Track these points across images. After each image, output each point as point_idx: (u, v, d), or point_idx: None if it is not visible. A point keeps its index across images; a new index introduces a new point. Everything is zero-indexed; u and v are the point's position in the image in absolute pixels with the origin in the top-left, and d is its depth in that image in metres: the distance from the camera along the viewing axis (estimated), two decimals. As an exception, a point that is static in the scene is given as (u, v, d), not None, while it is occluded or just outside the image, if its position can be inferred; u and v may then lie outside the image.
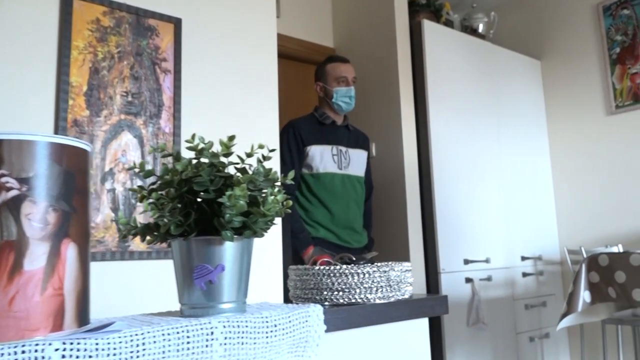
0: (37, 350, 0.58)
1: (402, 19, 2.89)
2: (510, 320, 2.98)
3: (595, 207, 3.26)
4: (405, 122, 2.79)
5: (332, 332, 0.90)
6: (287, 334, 0.80)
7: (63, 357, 0.59)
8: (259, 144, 0.86)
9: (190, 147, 0.80)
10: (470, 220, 2.89)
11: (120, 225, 0.79)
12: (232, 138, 0.81)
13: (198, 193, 0.80)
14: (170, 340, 0.68)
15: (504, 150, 3.20)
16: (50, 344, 0.59)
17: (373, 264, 1.00)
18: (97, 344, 0.62)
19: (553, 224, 3.45)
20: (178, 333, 0.69)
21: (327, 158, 2.31)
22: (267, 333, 0.77)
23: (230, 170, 0.83)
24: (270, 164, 1.85)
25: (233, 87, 1.91)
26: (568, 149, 3.44)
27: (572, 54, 3.44)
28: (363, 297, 0.97)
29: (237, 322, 0.74)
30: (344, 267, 0.97)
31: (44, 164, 0.64)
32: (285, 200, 0.84)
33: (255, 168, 0.82)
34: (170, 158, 0.82)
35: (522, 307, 3.07)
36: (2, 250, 0.61)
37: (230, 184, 0.79)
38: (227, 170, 0.81)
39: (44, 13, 1.55)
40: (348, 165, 2.37)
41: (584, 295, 2.07)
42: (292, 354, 0.83)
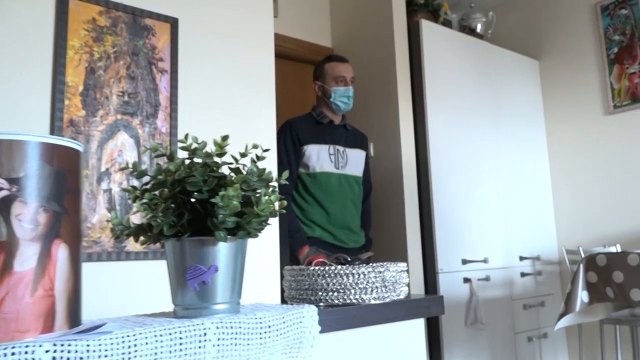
0: (27, 352, 0.57)
1: (400, 19, 2.89)
2: (509, 320, 2.97)
3: (594, 207, 3.26)
4: (403, 122, 2.79)
5: (326, 333, 0.90)
6: (281, 335, 0.80)
7: (54, 358, 0.58)
8: (253, 144, 0.85)
9: (184, 147, 0.80)
10: (469, 220, 2.89)
11: (113, 226, 0.78)
12: (225, 138, 0.81)
13: (191, 193, 0.79)
14: (163, 342, 0.67)
15: (502, 150, 3.20)
16: (41, 346, 0.58)
17: (368, 265, 0.99)
18: (88, 346, 0.61)
19: (551, 224, 3.45)
20: (170, 334, 0.68)
21: (323, 157, 2.30)
22: (260, 334, 0.77)
23: (225, 171, 0.82)
24: (267, 164, 1.84)
25: (230, 87, 1.90)
26: (566, 149, 3.43)
27: (570, 54, 3.44)
28: (358, 297, 0.96)
29: (230, 323, 0.74)
30: (339, 267, 0.97)
31: (35, 164, 0.64)
32: (280, 201, 0.83)
33: (249, 168, 0.81)
34: (165, 158, 0.81)
35: (520, 307, 3.07)
36: (-8, 251, 0.60)
37: (224, 184, 0.79)
38: (221, 171, 0.81)
39: (40, 13, 1.54)
40: (345, 165, 2.36)
41: (582, 295, 2.07)
42: (286, 355, 0.82)
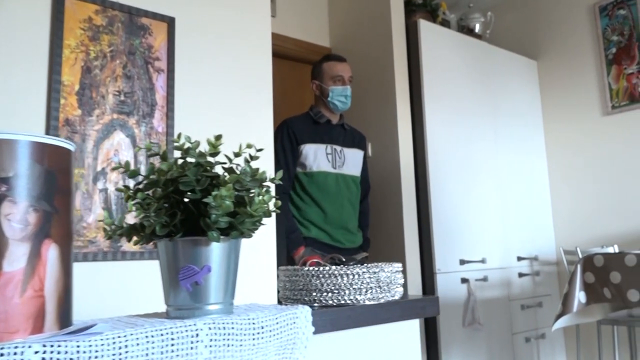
0: (16, 353, 0.57)
1: (398, 19, 2.88)
2: (506, 321, 2.97)
3: (592, 207, 3.26)
4: (401, 122, 2.78)
5: (320, 333, 0.89)
6: (274, 336, 0.79)
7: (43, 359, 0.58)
8: (247, 144, 0.85)
9: (177, 146, 0.79)
10: (466, 221, 2.88)
11: (105, 226, 0.78)
12: (219, 137, 0.80)
13: (184, 193, 0.79)
14: (154, 343, 0.67)
15: (500, 150, 3.19)
16: (30, 347, 0.58)
17: (363, 265, 0.99)
18: (78, 347, 0.61)
19: (549, 224, 3.45)
20: (162, 335, 0.68)
21: (321, 157, 2.30)
22: (253, 335, 0.77)
23: (218, 170, 0.82)
24: (264, 164, 1.84)
25: (227, 86, 1.89)
26: (564, 149, 3.43)
27: (568, 54, 3.44)
28: (352, 298, 0.96)
29: (223, 323, 0.73)
30: (333, 268, 0.96)
31: (25, 164, 0.63)
32: (275, 201, 0.83)
33: (243, 168, 0.81)
34: (159, 157, 0.81)
35: (518, 307, 3.06)
36: (-19, 251, 0.60)
37: (217, 184, 0.78)
38: (214, 170, 0.80)
39: (36, 12, 1.54)
40: (343, 165, 2.36)
41: (579, 296, 2.06)
42: (279, 356, 0.82)
